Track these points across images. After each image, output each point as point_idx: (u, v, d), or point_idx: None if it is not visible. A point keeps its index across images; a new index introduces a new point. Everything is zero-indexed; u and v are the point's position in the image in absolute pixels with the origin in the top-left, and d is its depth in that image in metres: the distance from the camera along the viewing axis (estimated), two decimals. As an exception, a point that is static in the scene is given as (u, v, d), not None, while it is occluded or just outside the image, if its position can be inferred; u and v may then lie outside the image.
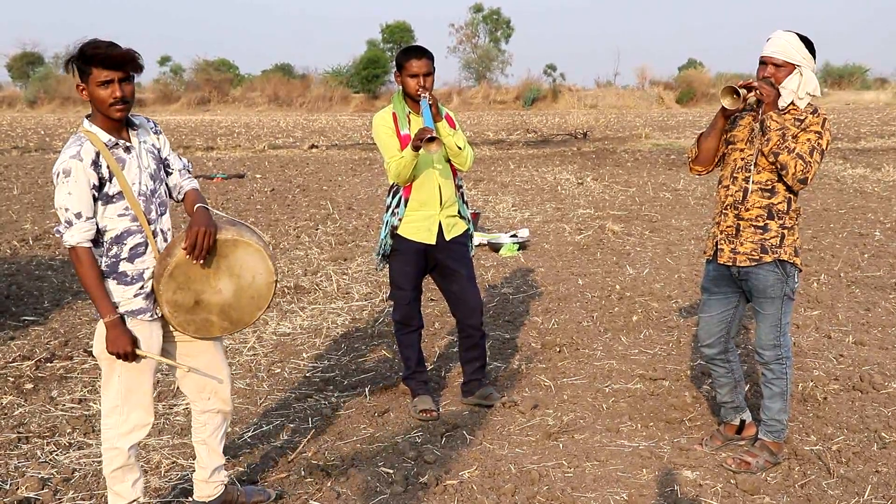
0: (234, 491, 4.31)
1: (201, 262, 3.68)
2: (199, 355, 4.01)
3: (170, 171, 3.96)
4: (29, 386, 5.98)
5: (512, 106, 52.86)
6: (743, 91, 4.34)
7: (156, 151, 3.87)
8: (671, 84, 56.48)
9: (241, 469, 4.76)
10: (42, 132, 33.43)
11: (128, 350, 3.64)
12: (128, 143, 3.71)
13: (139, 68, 3.64)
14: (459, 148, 5.26)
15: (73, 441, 5.11)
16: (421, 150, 4.99)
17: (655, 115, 44.86)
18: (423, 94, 5.10)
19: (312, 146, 27.00)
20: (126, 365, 3.73)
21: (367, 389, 5.95)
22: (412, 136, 5.09)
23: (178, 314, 3.76)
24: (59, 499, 4.40)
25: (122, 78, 3.57)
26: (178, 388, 5.82)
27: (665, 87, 56.00)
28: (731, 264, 4.57)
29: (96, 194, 3.61)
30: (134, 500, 3.91)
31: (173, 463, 4.81)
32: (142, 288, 3.74)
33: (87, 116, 3.71)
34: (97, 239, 3.67)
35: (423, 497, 4.41)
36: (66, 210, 3.56)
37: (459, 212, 5.51)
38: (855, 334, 6.96)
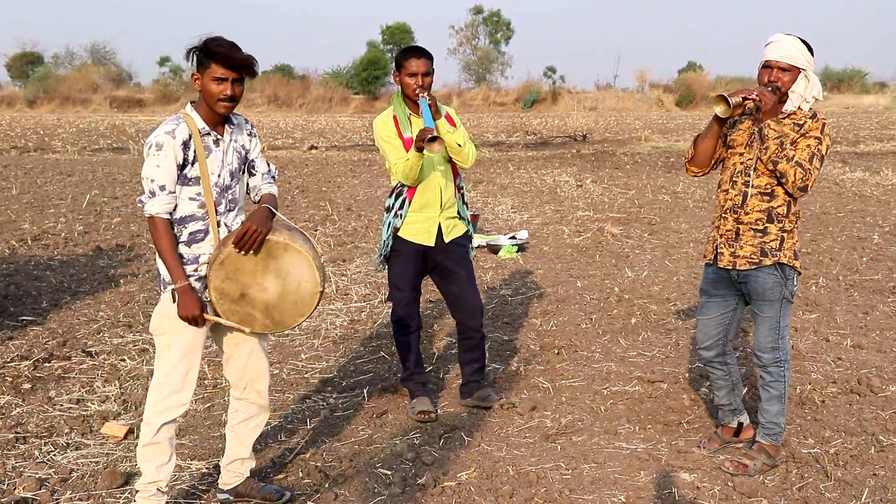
0: (250, 484, 4.38)
1: (247, 255, 3.85)
2: (242, 345, 4.19)
3: (253, 172, 4.20)
4: (27, 386, 5.97)
5: (512, 108, 52.89)
6: (736, 100, 4.35)
7: (243, 152, 4.12)
8: (671, 87, 56.53)
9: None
10: (41, 132, 33.41)
11: (196, 314, 3.86)
12: (218, 136, 3.97)
13: (253, 74, 3.92)
14: (459, 145, 5.24)
15: (70, 441, 5.10)
16: (424, 151, 4.99)
17: (655, 117, 44.89)
18: (421, 95, 5.10)
19: (312, 147, 27.00)
20: (175, 346, 3.95)
21: (365, 391, 5.95)
22: (415, 138, 5.09)
23: (224, 302, 3.94)
24: (57, 499, 4.40)
25: (235, 78, 3.85)
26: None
27: (665, 89, 56.05)
28: (730, 268, 4.57)
29: (178, 173, 3.86)
30: (155, 482, 4.00)
31: (171, 463, 4.80)
32: (195, 271, 3.96)
33: (192, 102, 3.99)
34: (171, 216, 3.92)
35: (421, 498, 4.41)
36: (152, 181, 3.82)
37: (459, 213, 5.51)
38: (853, 337, 6.96)
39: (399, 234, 5.36)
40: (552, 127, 35.78)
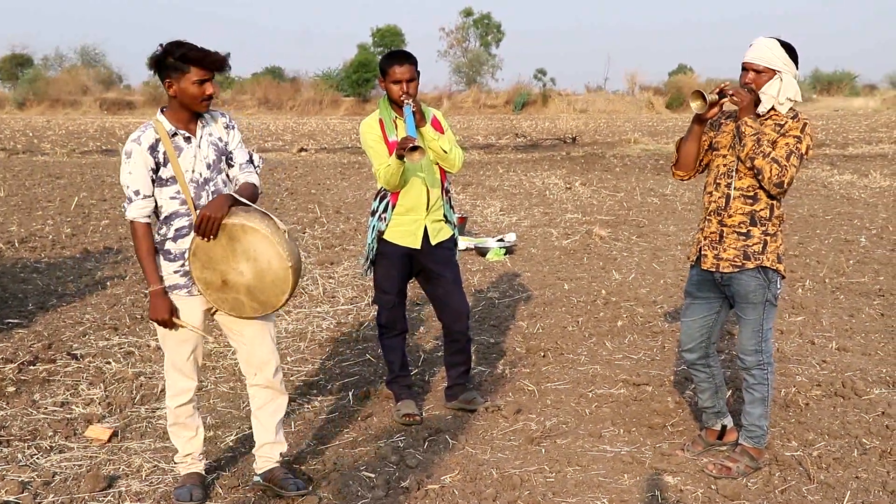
0: (277, 471, 4.48)
1: (210, 241, 3.97)
2: (240, 335, 4.35)
3: (231, 163, 4.31)
4: (11, 389, 5.94)
5: (502, 110, 52.93)
6: (712, 96, 4.39)
7: (220, 144, 4.24)
8: (661, 89, 56.63)
9: (224, 473, 4.75)
10: (30, 134, 33.31)
11: (165, 318, 4.10)
12: (188, 134, 4.11)
13: (227, 70, 4.14)
14: (445, 151, 5.25)
15: (54, 444, 5.08)
16: (405, 159, 4.99)
17: (645, 119, 44.97)
18: (406, 101, 5.10)
19: (301, 149, 26.99)
20: (169, 336, 4.22)
21: (350, 394, 5.94)
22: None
23: (210, 292, 4.11)
24: (39, 502, 4.38)
25: (212, 78, 4.03)
26: (161, 391, 5.83)
27: (655, 92, 56.15)
28: (714, 270, 4.59)
29: (154, 176, 4.05)
30: (188, 454, 4.44)
31: (155, 467, 4.79)
32: (182, 265, 4.15)
33: (162, 109, 4.16)
34: (158, 215, 4.15)
35: (405, 501, 4.41)
36: (128, 187, 4.04)
37: (445, 216, 5.51)
38: (838, 340, 6.98)
39: (384, 236, 5.37)
40: (542, 129, 35.83)
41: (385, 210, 5.35)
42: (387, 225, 5.35)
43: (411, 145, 4.85)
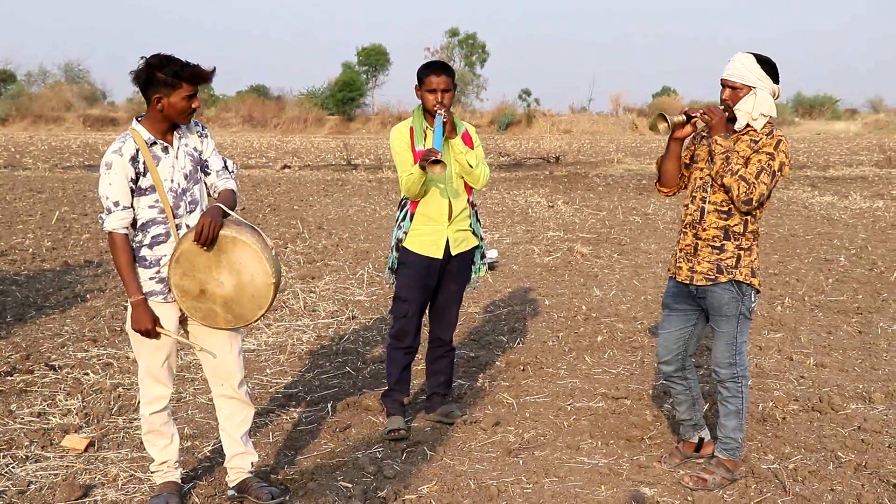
0: (250, 481, 4.50)
1: (205, 248, 3.98)
2: (209, 337, 4.32)
3: (208, 171, 4.34)
4: (-13, 399, 5.91)
5: (486, 130, 53.13)
6: (678, 118, 4.45)
7: (196, 154, 4.27)
8: (645, 110, 57.06)
9: (201, 483, 4.73)
10: (12, 149, 33.20)
11: (148, 327, 4.10)
12: (166, 144, 4.14)
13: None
14: (471, 166, 5.27)
15: (30, 454, 5.05)
16: (427, 171, 5.02)
17: (629, 140, 45.24)
18: (439, 111, 5.14)
19: (285, 167, 27.00)
20: (145, 344, 4.20)
21: (329, 405, 5.93)
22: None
23: (186, 299, 4.11)
24: (13, 511, 4.36)
25: (197, 92, 4.11)
26: (138, 402, 5.79)
27: (639, 113, 56.57)
28: (688, 282, 4.63)
29: (133, 186, 4.06)
30: (164, 462, 4.42)
31: (131, 476, 4.78)
32: (157, 272, 4.16)
33: (138, 118, 4.17)
34: (134, 223, 4.13)
35: (382, 512, 4.41)
36: (107, 198, 4.04)
37: (472, 227, 5.54)
38: (816, 356, 7.02)
39: (405, 245, 5.39)
40: (526, 149, 35.95)
41: (404, 219, 5.38)
42: (405, 233, 5.37)
43: (433, 158, 4.87)
